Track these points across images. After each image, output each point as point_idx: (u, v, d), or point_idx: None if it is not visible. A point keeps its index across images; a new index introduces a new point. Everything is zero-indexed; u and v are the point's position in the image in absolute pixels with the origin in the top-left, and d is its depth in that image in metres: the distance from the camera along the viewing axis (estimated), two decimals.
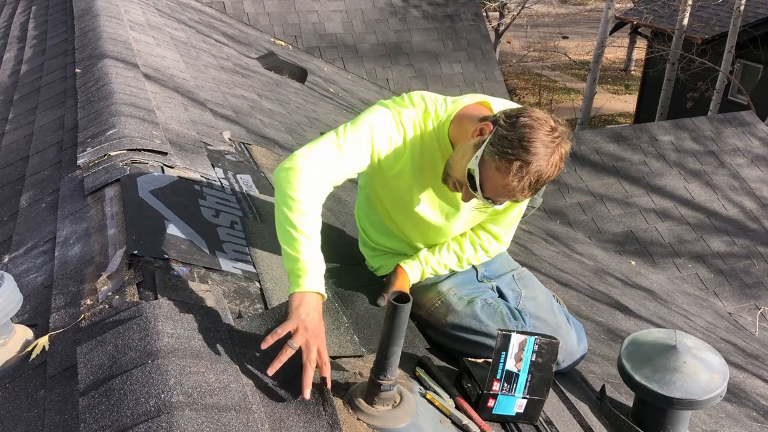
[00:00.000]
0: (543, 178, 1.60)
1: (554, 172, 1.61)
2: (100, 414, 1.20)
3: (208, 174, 2.35)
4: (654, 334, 2.11)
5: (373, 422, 1.43)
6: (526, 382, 1.68)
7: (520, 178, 1.58)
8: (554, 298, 2.21)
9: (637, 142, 6.29)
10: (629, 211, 5.71)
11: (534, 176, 1.58)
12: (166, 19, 5.14)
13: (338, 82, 6.79)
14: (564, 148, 1.61)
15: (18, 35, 4.73)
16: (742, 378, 3.32)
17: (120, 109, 2.58)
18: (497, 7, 17.23)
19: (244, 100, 3.86)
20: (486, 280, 2.09)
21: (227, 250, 1.87)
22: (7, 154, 2.76)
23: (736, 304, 5.25)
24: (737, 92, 13.51)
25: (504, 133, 1.60)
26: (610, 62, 22.03)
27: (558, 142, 1.59)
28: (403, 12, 8.21)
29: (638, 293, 4.28)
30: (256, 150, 2.91)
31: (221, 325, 1.47)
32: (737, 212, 5.94)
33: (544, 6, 24.22)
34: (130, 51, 3.50)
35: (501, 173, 1.60)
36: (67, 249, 1.83)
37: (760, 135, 6.65)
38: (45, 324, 1.55)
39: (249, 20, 7.52)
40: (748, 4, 12.68)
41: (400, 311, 1.36)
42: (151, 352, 1.29)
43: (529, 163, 1.57)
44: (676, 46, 12.35)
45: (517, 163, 1.57)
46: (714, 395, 1.91)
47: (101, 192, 2.06)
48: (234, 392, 1.26)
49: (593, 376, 2.36)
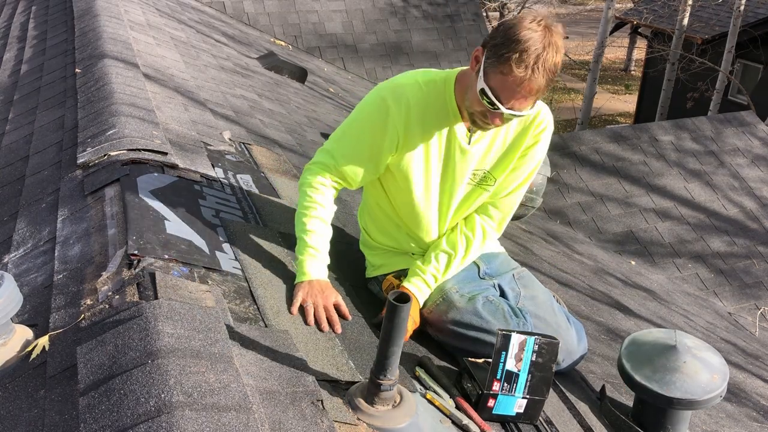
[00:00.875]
0: (547, 60, 1.61)
1: (555, 52, 1.63)
2: (100, 414, 1.20)
3: (208, 174, 2.35)
4: (654, 334, 2.11)
5: (373, 422, 1.43)
6: (526, 382, 1.69)
7: (525, 66, 1.61)
8: (554, 298, 2.21)
9: (637, 142, 6.29)
10: (629, 211, 5.71)
11: (534, 59, 1.60)
12: (166, 19, 5.14)
13: (338, 82, 6.80)
14: (556, 29, 1.65)
15: (18, 35, 4.73)
16: (742, 378, 3.32)
17: (120, 109, 2.58)
18: (497, 7, 17.23)
19: (244, 100, 3.86)
20: (488, 277, 2.09)
21: (227, 250, 1.87)
22: (7, 154, 2.76)
23: (736, 304, 5.25)
24: (737, 92, 13.51)
25: (493, 42, 1.67)
26: (610, 62, 22.03)
27: (544, 23, 1.64)
28: (403, 12, 8.21)
29: (638, 293, 4.28)
30: (256, 150, 2.91)
31: (221, 325, 1.47)
32: (737, 212, 5.94)
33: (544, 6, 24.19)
34: (130, 51, 3.50)
35: (505, 73, 1.64)
36: (67, 249, 1.83)
37: (760, 135, 6.65)
38: (45, 324, 1.55)
39: (249, 20, 7.52)
40: (748, 4, 12.68)
41: (400, 311, 1.36)
42: (151, 352, 1.29)
43: (525, 50, 1.60)
44: (676, 46, 12.35)
45: (515, 55, 1.61)
46: (714, 395, 1.91)
47: (101, 192, 2.06)
48: (234, 392, 1.26)
49: (593, 376, 2.36)
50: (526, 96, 1.67)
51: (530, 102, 1.70)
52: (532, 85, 1.64)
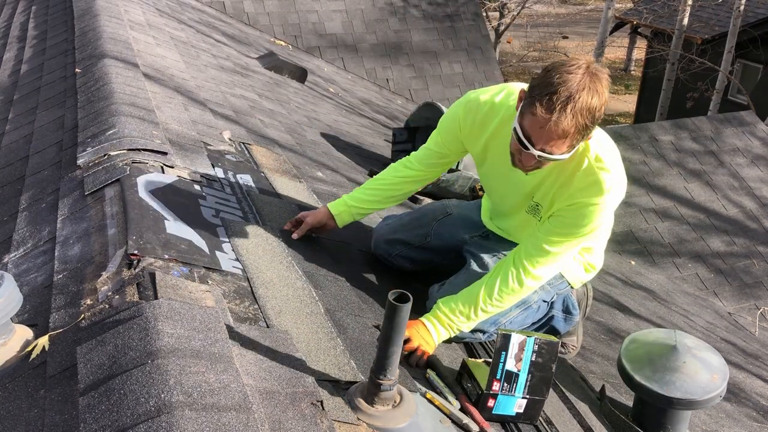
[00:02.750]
0: (579, 102, 1.58)
1: (590, 97, 1.59)
2: (100, 414, 1.20)
3: (208, 174, 2.35)
4: (654, 334, 2.11)
5: (373, 422, 1.43)
6: (526, 382, 1.69)
7: (552, 108, 1.59)
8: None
9: (637, 142, 6.29)
10: (629, 210, 5.71)
11: (563, 101, 1.58)
12: (166, 18, 5.13)
13: (338, 82, 6.79)
14: (600, 75, 1.61)
15: (18, 35, 4.73)
16: (741, 378, 3.32)
17: (120, 109, 2.58)
18: (497, 7, 17.22)
19: (244, 100, 3.86)
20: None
21: (227, 250, 1.87)
22: (7, 154, 2.76)
23: (736, 304, 5.25)
24: (737, 92, 13.51)
25: (533, 83, 1.67)
26: (610, 62, 22.02)
27: (583, 65, 1.61)
28: (403, 12, 8.21)
29: (638, 293, 4.28)
30: (256, 150, 2.91)
31: (221, 325, 1.47)
32: (737, 212, 5.94)
33: (544, 6, 24.19)
34: (130, 51, 3.50)
35: (534, 114, 1.63)
36: (67, 249, 1.83)
37: (760, 135, 6.66)
38: (45, 324, 1.55)
39: (249, 20, 7.52)
40: (748, 4, 12.68)
41: (400, 311, 1.36)
42: (151, 352, 1.29)
43: (556, 91, 1.58)
44: (676, 46, 12.35)
45: (546, 96, 1.60)
46: (714, 395, 1.92)
47: (101, 192, 2.06)
48: (234, 392, 1.26)
49: (593, 376, 2.36)
50: (554, 138, 1.64)
51: (563, 146, 1.67)
52: (558, 128, 1.61)
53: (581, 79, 1.60)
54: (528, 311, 2.11)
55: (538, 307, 2.14)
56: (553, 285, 2.14)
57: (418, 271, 2.34)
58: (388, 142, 4.61)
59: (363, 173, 3.60)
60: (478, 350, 2.09)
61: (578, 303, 2.33)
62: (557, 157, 1.70)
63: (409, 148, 3.90)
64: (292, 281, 1.86)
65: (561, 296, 2.21)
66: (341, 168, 3.45)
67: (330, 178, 3.09)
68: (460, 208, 2.38)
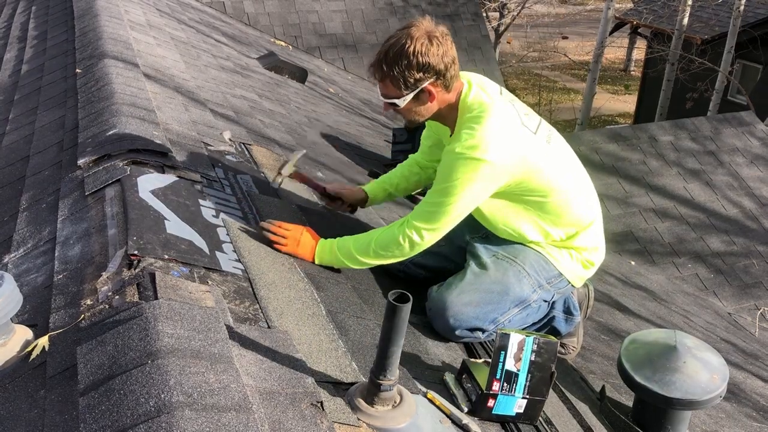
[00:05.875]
0: (382, 51, 1.94)
1: (394, 46, 1.92)
2: (100, 414, 1.20)
3: (208, 174, 2.35)
4: (654, 334, 2.11)
5: (373, 422, 1.43)
6: (526, 382, 1.69)
7: (370, 63, 2.01)
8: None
9: (637, 142, 6.29)
10: (629, 210, 5.71)
11: (377, 55, 1.97)
12: (166, 19, 5.14)
13: (338, 82, 6.80)
14: (417, 27, 1.95)
15: (18, 35, 4.73)
16: (741, 378, 3.32)
17: (120, 109, 2.58)
18: (497, 7, 17.23)
19: (244, 100, 3.86)
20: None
21: (227, 250, 1.87)
22: (7, 154, 2.76)
23: (735, 304, 5.25)
24: (737, 92, 13.52)
25: None
26: (610, 62, 22.04)
27: (409, 26, 1.97)
28: (403, 12, 8.21)
29: (638, 293, 4.28)
30: (256, 150, 2.91)
31: (221, 325, 1.47)
32: (737, 212, 5.94)
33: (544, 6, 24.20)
34: (130, 51, 3.50)
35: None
36: (67, 249, 1.83)
37: (759, 135, 6.66)
38: (45, 324, 1.55)
39: (249, 20, 7.52)
40: (747, 4, 12.68)
41: (399, 311, 1.36)
42: (151, 352, 1.29)
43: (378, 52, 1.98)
44: (675, 47, 12.35)
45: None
46: (714, 395, 1.92)
47: (101, 192, 2.06)
48: (234, 392, 1.26)
49: (593, 376, 2.37)
50: (378, 81, 2.00)
51: (385, 88, 1.99)
52: (375, 74, 1.98)
53: (399, 34, 1.94)
54: (528, 311, 2.11)
55: (538, 307, 2.14)
56: (552, 284, 2.14)
57: (430, 279, 2.31)
58: (388, 142, 4.62)
59: (363, 173, 3.60)
60: (478, 350, 2.09)
61: (579, 304, 2.33)
62: (391, 101, 1.99)
63: (408, 149, 3.90)
64: (294, 282, 1.86)
65: (562, 297, 2.21)
66: (341, 168, 3.45)
67: (330, 178, 3.09)
68: None
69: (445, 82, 1.97)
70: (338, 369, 1.56)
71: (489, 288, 2.06)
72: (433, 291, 2.14)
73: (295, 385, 1.40)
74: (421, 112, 2.04)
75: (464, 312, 2.02)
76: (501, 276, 2.08)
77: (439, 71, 1.94)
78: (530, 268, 2.10)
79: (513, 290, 2.06)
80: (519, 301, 2.06)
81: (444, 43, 1.95)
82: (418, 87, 1.95)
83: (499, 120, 1.94)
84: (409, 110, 2.02)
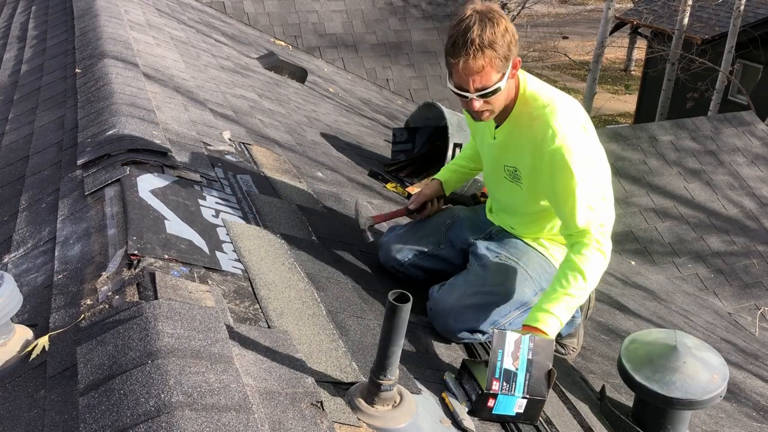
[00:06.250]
0: (475, 35, 1.75)
1: (483, 27, 1.76)
2: (100, 414, 1.20)
3: (207, 174, 2.35)
4: (654, 334, 2.11)
5: (373, 422, 1.43)
6: (525, 382, 1.68)
7: (457, 53, 1.79)
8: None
9: (637, 142, 6.29)
10: (629, 210, 5.71)
11: (462, 42, 1.77)
12: (166, 19, 5.13)
13: (338, 82, 6.79)
14: (483, 6, 1.80)
15: (18, 35, 4.73)
16: (741, 378, 3.32)
17: (120, 109, 2.58)
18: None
19: (244, 100, 3.86)
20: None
21: (227, 250, 1.87)
22: (7, 154, 2.76)
23: (735, 304, 5.25)
24: (737, 92, 13.51)
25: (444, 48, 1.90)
26: (610, 62, 22.02)
27: (470, 9, 1.80)
28: (402, 12, 8.20)
29: (638, 293, 4.28)
30: (256, 150, 2.91)
31: (221, 325, 1.47)
32: (737, 212, 5.94)
33: (544, 6, 24.20)
34: (130, 51, 3.50)
35: (450, 66, 1.85)
36: (67, 249, 1.83)
37: (760, 135, 6.66)
38: (45, 324, 1.55)
39: (249, 20, 7.52)
40: (748, 4, 12.67)
41: (400, 311, 1.36)
42: (151, 352, 1.29)
43: (455, 40, 1.79)
44: (676, 46, 12.35)
45: (451, 48, 1.82)
46: (714, 395, 1.92)
47: (101, 192, 2.06)
48: (234, 392, 1.26)
49: (593, 376, 2.36)
50: (476, 74, 1.81)
51: (488, 76, 1.82)
52: (474, 63, 1.79)
53: (470, 20, 1.78)
54: (529, 312, 2.11)
55: None
56: None
57: (429, 280, 2.29)
58: (388, 142, 4.61)
59: (363, 173, 3.60)
60: (478, 350, 2.09)
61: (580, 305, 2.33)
62: (494, 87, 1.84)
63: (408, 148, 3.90)
64: (294, 283, 1.86)
65: None
66: (341, 168, 3.45)
67: (330, 178, 3.09)
68: (466, 211, 2.41)
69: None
70: (338, 369, 1.56)
71: (491, 290, 2.05)
72: (434, 291, 2.14)
73: (295, 385, 1.40)
74: (510, 92, 1.94)
75: (465, 313, 2.01)
76: (503, 278, 2.08)
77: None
78: (533, 271, 2.10)
79: (515, 293, 2.06)
80: (520, 304, 2.06)
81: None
82: (509, 63, 1.85)
83: (570, 105, 1.96)
84: (503, 93, 1.90)
